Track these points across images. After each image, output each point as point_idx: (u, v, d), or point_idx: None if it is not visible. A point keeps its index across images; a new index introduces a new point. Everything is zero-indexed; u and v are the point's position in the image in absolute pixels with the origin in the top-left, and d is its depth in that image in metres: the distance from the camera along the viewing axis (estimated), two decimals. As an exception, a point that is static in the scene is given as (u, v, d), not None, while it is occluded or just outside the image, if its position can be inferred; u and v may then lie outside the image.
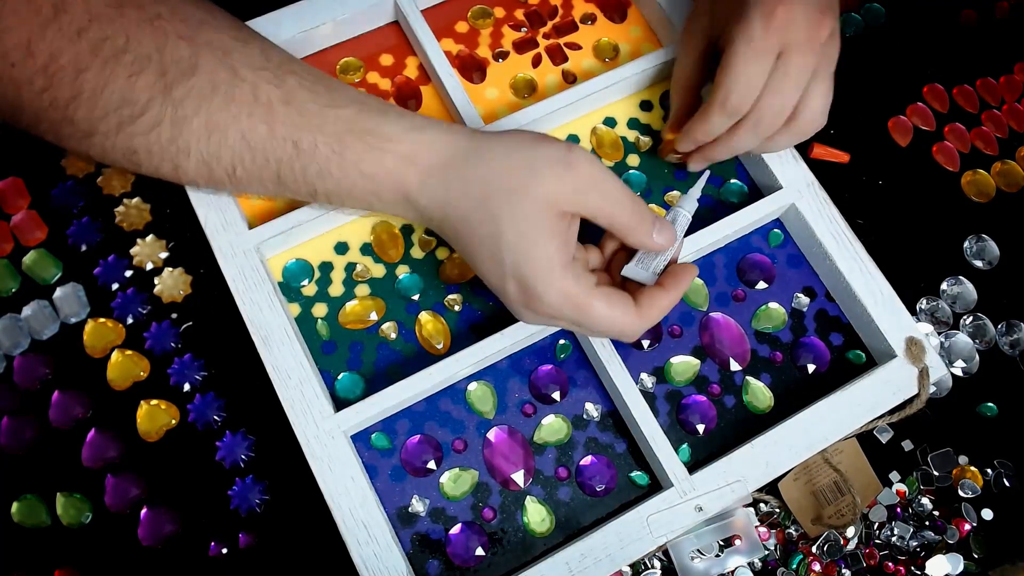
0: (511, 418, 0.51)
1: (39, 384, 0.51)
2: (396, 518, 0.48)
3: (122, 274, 0.53)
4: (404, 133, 0.44)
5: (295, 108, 0.43)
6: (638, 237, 0.44)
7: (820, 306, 0.55)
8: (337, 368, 0.50)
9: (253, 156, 0.44)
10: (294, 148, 0.43)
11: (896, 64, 0.65)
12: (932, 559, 0.52)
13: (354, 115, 0.44)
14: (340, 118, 0.43)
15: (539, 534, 0.49)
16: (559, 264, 0.42)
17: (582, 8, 0.61)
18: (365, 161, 0.43)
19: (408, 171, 0.43)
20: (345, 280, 0.52)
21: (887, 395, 0.50)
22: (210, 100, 0.42)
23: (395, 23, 0.59)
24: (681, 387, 0.52)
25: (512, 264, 0.42)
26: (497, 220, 0.42)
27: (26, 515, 0.49)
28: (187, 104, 0.42)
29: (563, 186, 0.42)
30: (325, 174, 0.44)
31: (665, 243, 0.45)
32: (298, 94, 0.44)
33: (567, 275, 0.42)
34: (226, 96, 0.42)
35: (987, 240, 0.60)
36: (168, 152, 0.43)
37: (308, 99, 0.44)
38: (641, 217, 0.44)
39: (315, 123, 0.43)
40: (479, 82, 0.58)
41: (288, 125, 0.43)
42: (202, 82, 0.42)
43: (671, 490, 0.47)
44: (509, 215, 0.42)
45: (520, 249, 0.42)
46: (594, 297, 0.43)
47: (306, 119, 0.43)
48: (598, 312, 0.43)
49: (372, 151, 0.43)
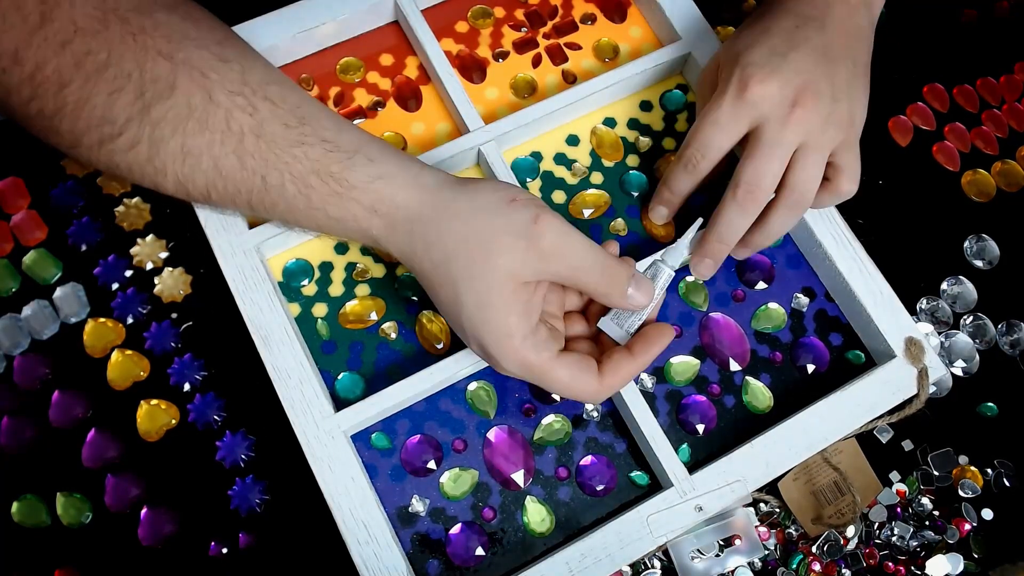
0: (511, 418, 0.51)
1: (39, 384, 0.51)
2: (396, 518, 0.48)
3: (122, 274, 0.53)
4: (369, 183, 0.43)
5: (264, 142, 0.43)
6: (611, 299, 0.44)
7: (819, 306, 0.55)
8: (337, 368, 0.50)
9: (225, 185, 0.44)
10: (263, 183, 0.43)
11: (896, 64, 0.65)
12: (932, 559, 0.52)
13: (321, 156, 0.43)
14: (308, 157, 0.43)
15: (539, 534, 0.49)
16: (519, 335, 0.42)
17: (582, 8, 0.61)
18: (331, 205, 0.43)
19: (372, 220, 0.43)
20: (345, 280, 0.52)
21: (887, 395, 0.50)
22: (185, 124, 0.42)
23: (395, 23, 0.59)
24: (681, 387, 0.52)
25: (471, 330, 0.42)
26: (456, 286, 0.42)
27: (26, 515, 0.49)
28: (164, 126, 0.42)
29: (525, 258, 0.41)
30: (294, 210, 0.44)
31: (641, 302, 0.45)
32: (269, 126, 0.43)
33: (526, 346, 0.42)
34: (200, 121, 0.42)
35: (987, 240, 0.60)
36: (147, 171, 0.43)
37: (279, 133, 0.43)
38: (612, 279, 0.43)
39: (284, 160, 0.43)
40: (479, 82, 0.58)
41: (257, 159, 0.43)
42: (179, 104, 0.42)
43: (671, 490, 0.47)
44: (468, 283, 0.41)
45: (478, 319, 0.42)
46: (554, 367, 0.42)
47: (275, 155, 0.43)
48: (558, 380, 0.43)
49: (336, 197, 0.43)
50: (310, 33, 0.55)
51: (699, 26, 0.57)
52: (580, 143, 0.57)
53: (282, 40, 0.55)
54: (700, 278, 0.52)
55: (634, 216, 0.55)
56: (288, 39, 0.55)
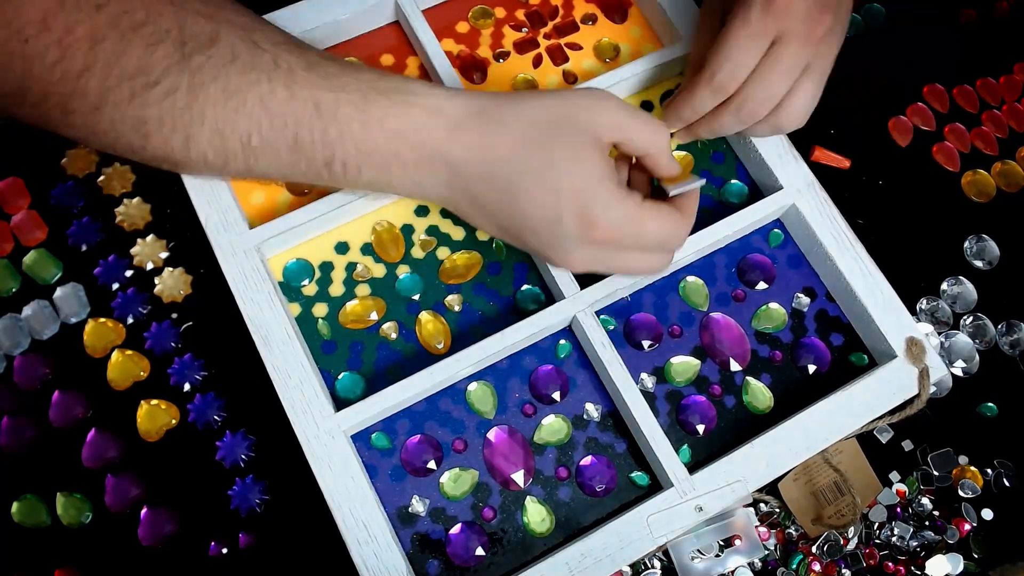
0: (511, 418, 0.51)
1: (39, 384, 0.51)
2: (396, 518, 0.48)
3: (122, 274, 0.53)
4: (430, 90, 0.44)
5: (317, 72, 0.43)
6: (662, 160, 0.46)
7: (820, 306, 0.55)
8: (337, 368, 0.50)
9: (271, 121, 0.43)
10: (315, 109, 0.43)
11: (896, 64, 0.65)
12: (932, 559, 0.52)
13: (377, 77, 0.44)
14: (362, 79, 0.43)
15: (539, 534, 0.49)
16: (616, 184, 0.43)
17: (583, 8, 0.61)
18: (390, 116, 0.43)
19: (437, 122, 0.43)
20: (345, 280, 0.52)
21: (887, 395, 0.50)
22: (229, 67, 0.42)
23: (396, 23, 0.59)
24: (681, 387, 0.52)
25: (570, 190, 0.43)
26: (548, 148, 0.42)
27: (26, 515, 0.49)
28: (205, 71, 0.41)
29: (602, 115, 0.43)
30: (346, 136, 0.43)
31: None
32: (319, 62, 0.43)
33: (622, 193, 0.43)
34: (245, 63, 0.42)
35: (987, 240, 0.60)
36: (181, 120, 0.42)
37: (329, 68, 0.43)
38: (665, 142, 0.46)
39: (337, 83, 0.43)
40: (480, 82, 0.58)
41: (309, 87, 0.43)
42: (222, 51, 0.42)
43: (671, 490, 0.47)
44: (560, 142, 0.42)
45: (577, 173, 0.42)
46: (646, 210, 0.44)
47: (328, 81, 0.43)
48: (653, 223, 0.45)
49: (397, 106, 0.43)
50: (310, 33, 0.55)
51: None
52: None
53: (282, 40, 0.55)
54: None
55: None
56: (288, 39, 0.55)
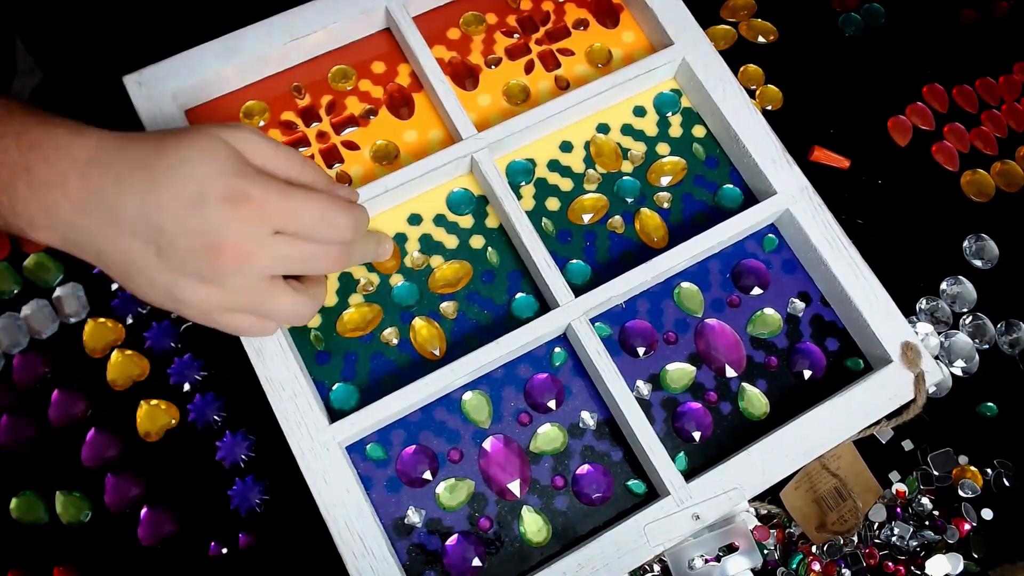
0: (507, 427, 0.50)
1: (38, 383, 0.51)
2: (392, 529, 0.48)
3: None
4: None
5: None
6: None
7: (815, 311, 0.54)
8: (332, 379, 0.50)
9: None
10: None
11: (896, 64, 0.65)
12: (932, 559, 0.52)
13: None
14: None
15: (536, 544, 0.49)
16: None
17: (575, 14, 0.60)
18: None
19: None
20: (339, 291, 0.52)
21: (883, 400, 0.50)
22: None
23: (387, 30, 0.59)
24: (677, 394, 0.52)
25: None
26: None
27: (24, 511, 0.49)
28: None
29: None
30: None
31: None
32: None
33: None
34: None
35: (987, 240, 0.60)
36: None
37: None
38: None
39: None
40: (472, 89, 0.58)
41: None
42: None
43: (668, 498, 0.47)
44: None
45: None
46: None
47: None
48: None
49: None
50: (301, 41, 0.55)
51: (691, 29, 0.57)
52: (574, 150, 0.57)
53: (274, 48, 0.55)
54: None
55: (628, 223, 0.55)
56: (280, 47, 0.55)
